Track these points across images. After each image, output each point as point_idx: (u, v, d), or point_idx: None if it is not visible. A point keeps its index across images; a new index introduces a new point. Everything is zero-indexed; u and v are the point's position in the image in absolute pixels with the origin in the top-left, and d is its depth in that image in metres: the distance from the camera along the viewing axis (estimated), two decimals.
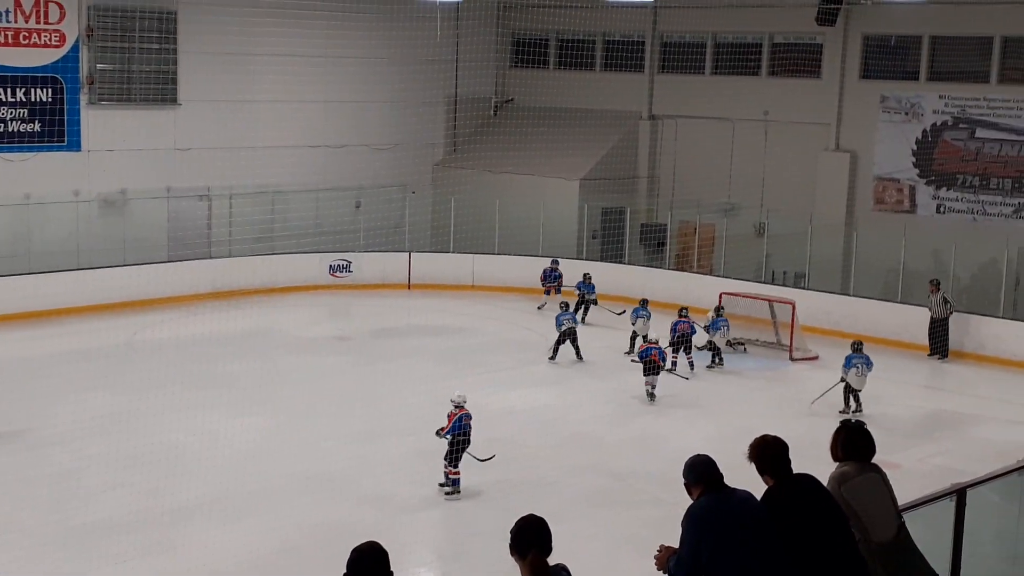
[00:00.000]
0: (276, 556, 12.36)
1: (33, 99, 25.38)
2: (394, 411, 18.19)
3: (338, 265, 28.37)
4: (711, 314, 22.22)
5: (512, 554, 5.17)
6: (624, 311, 23.08)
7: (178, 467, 14.67)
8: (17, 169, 25.18)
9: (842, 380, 18.85)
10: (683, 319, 21.35)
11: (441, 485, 14.59)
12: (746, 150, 28.99)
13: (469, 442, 14.66)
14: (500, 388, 19.70)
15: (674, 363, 20.81)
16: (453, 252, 29.31)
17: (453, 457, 14.52)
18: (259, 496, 14.25)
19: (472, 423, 14.68)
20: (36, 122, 25.52)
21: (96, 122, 26.36)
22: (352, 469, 15.47)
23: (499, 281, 26.38)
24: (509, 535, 5.17)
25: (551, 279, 26.16)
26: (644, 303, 22.58)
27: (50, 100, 25.62)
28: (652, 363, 19.16)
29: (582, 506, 14.16)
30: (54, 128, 25.75)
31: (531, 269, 26.81)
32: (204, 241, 27.68)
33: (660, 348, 19.52)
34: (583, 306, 24.86)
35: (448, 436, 14.54)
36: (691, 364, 21.11)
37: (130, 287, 24.70)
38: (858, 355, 18.97)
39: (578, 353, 21.38)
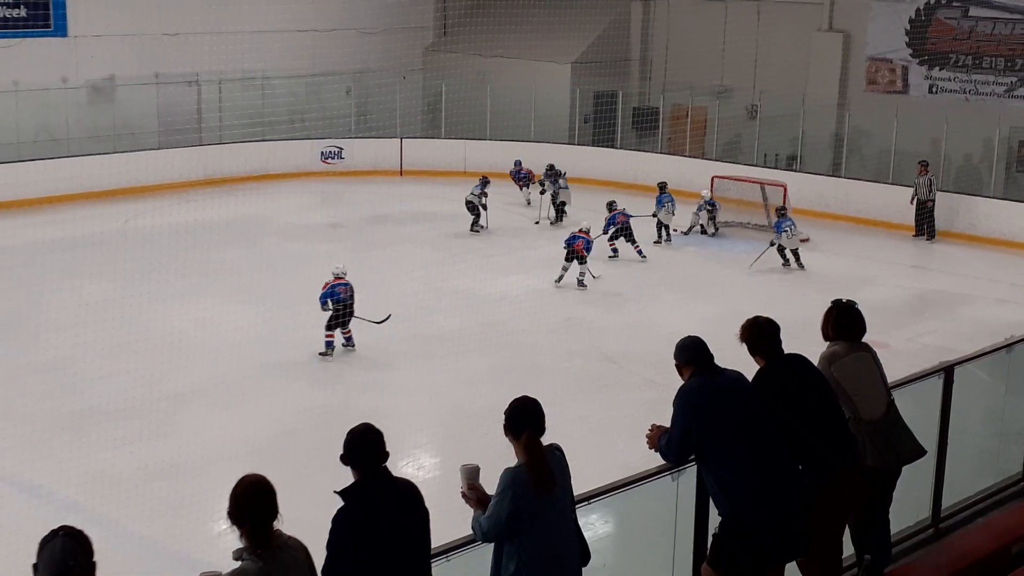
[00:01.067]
0: (274, 439, 12.53)
1: None
2: (387, 297, 18.26)
3: (330, 152, 28.20)
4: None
5: (506, 434, 5.25)
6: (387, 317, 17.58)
7: (174, 354, 14.75)
8: (3, 56, 24.82)
9: (772, 244, 20.54)
10: (618, 211, 21.33)
11: (321, 353, 15.36)
12: (739, 32, 28.62)
13: (351, 310, 15.46)
14: (493, 274, 19.74)
15: (615, 251, 21.03)
16: (445, 138, 29.12)
17: (328, 323, 15.37)
18: (254, 382, 14.40)
19: (353, 293, 15.51)
20: (21, 7, 25.08)
21: (82, 6, 25.93)
22: (345, 355, 15.59)
23: (491, 167, 26.24)
24: (503, 416, 5.25)
25: (520, 178, 25.84)
26: (663, 188, 22.54)
27: None
28: (575, 252, 19.18)
29: (575, 389, 14.34)
30: (39, 12, 25.32)
31: (523, 154, 26.65)
32: (195, 128, 27.45)
33: (588, 239, 19.47)
34: (558, 207, 23.79)
35: (322, 303, 15.36)
36: (640, 252, 21.01)
37: (121, 175, 24.60)
38: (785, 219, 20.68)
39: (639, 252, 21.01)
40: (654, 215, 22.24)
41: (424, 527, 4.97)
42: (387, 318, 15.70)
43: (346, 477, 4.99)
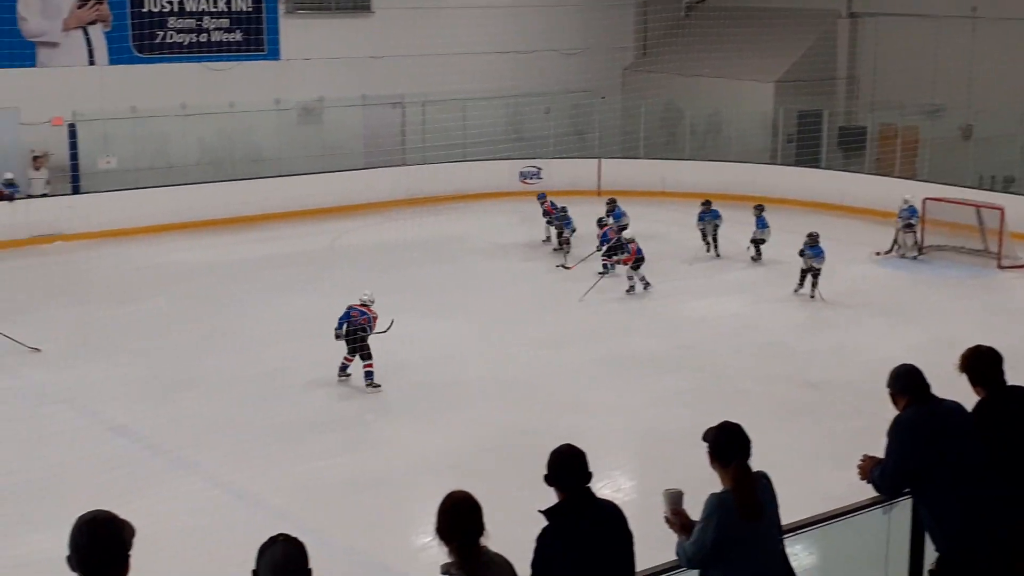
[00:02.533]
0: (474, 455, 12.65)
1: (234, 8, 26.13)
2: (586, 317, 18.28)
3: (528, 171, 28.47)
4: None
5: (712, 461, 5.14)
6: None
7: (378, 368, 15.12)
8: (221, 78, 26.04)
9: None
10: (609, 227, 21.26)
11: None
12: (952, 49, 27.52)
13: (360, 338, 14.75)
14: (689, 295, 19.55)
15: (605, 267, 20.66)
16: (643, 158, 29.01)
17: (349, 347, 14.81)
18: (454, 398, 14.58)
19: (370, 323, 14.82)
20: (237, 31, 26.29)
21: (294, 31, 27.01)
22: (544, 374, 15.65)
23: (690, 187, 25.98)
24: (708, 443, 5.13)
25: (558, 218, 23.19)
26: (761, 209, 22.01)
27: (250, 9, 26.33)
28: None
29: (775, 415, 13.99)
30: (254, 37, 26.48)
31: (723, 175, 26.30)
32: (399, 148, 28.17)
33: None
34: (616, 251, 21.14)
35: (337, 330, 14.77)
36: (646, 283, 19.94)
37: (329, 194, 25.45)
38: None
39: (815, 289, 19.34)
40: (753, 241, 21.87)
41: (628, 550, 4.91)
42: (390, 325, 15.27)
43: (546, 496, 4.98)
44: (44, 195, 23.58)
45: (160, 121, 25.17)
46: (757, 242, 21.73)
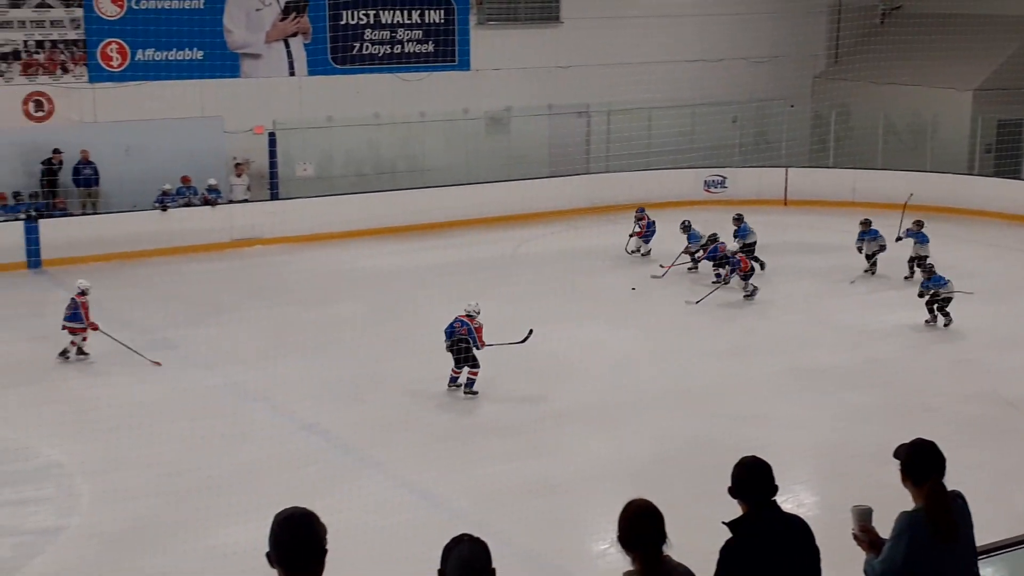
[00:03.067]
0: (650, 464, 12.66)
1: (427, 21, 26.77)
2: (768, 329, 18.04)
3: (713, 180, 28.23)
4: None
5: (904, 479, 5.03)
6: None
7: (558, 374, 15.28)
8: (412, 88, 26.71)
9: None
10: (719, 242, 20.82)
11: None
12: None
13: (461, 349, 14.85)
14: (880, 309, 19.05)
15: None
16: (833, 167, 28.41)
17: (454, 358, 14.92)
18: (633, 407, 14.60)
19: (470, 332, 14.81)
20: (430, 43, 26.93)
21: (484, 42, 27.48)
22: (725, 386, 15.51)
23: (883, 198, 25.30)
24: (901, 460, 5.03)
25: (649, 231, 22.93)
26: (867, 224, 21.24)
27: (442, 21, 26.93)
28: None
29: (968, 433, 13.49)
30: (446, 48, 27.08)
31: (918, 185, 25.50)
32: (583, 157, 28.35)
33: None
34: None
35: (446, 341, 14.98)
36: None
37: (513, 201, 25.78)
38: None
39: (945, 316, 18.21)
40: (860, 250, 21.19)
41: (815, 565, 4.86)
42: (528, 336, 15.31)
43: (727, 508, 4.99)
44: (245, 200, 24.66)
45: (354, 130, 26.00)
46: (916, 259, 20.45)
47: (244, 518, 11.14)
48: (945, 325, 17.93)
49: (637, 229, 22.67)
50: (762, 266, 20.95)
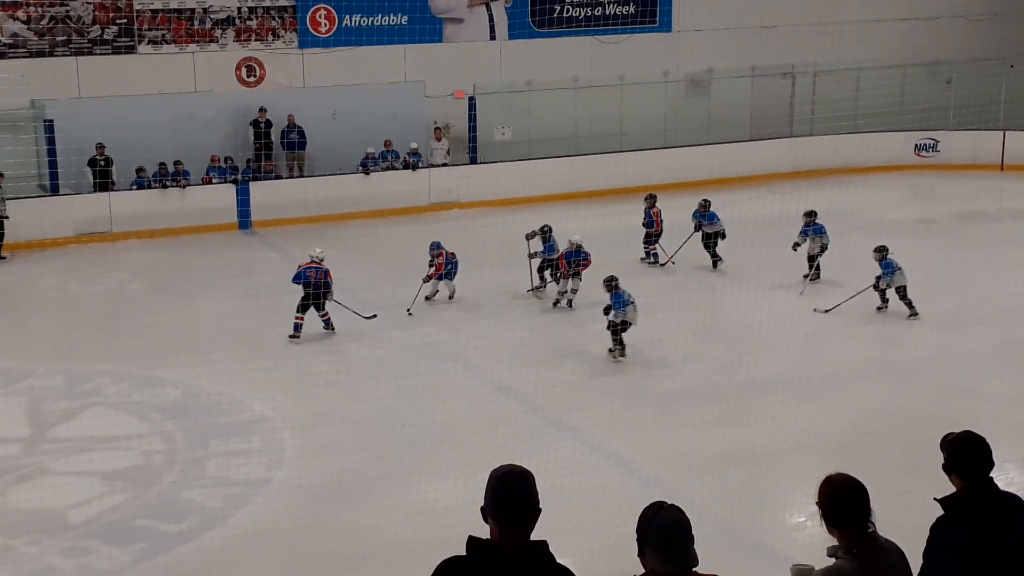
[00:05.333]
0: (851, 437, 12.28)
1: None
2: (982, 299, 17.21)
3: (924, 144, 27.08)
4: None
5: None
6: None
7: (752, 343, 14.96)
8: (612, 51, 26.50)
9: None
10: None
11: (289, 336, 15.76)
12: None
13: (322, 294, 15.71)
14: None
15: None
16: None
17: (298, 304, 15.80)
18: (831, 378, 14.19)
19: (327, 279, 15.72)
20: (631, 4, 26.63)
21: (686, 2, 27.03)
22: (934, 358, 14.89)
23: None
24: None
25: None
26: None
27: None
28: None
29: None
30: (647, 10, 26.73)
31: None
32: (786, 120, 27.60)
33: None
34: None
35: (293, 282, 15.88)
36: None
37: (713, 166, 25.34)
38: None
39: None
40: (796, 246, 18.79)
41: None
42: (372, 316, 15.79)
43: (936, 484, 4.75)
44: (444, 164, 25.00)
45: (553, 94, 25.99)
46: None
47: (442, 476, 11.36)
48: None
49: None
50: (715, 263, 19.23)
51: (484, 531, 4.16)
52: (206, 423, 13.07)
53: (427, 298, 17.60)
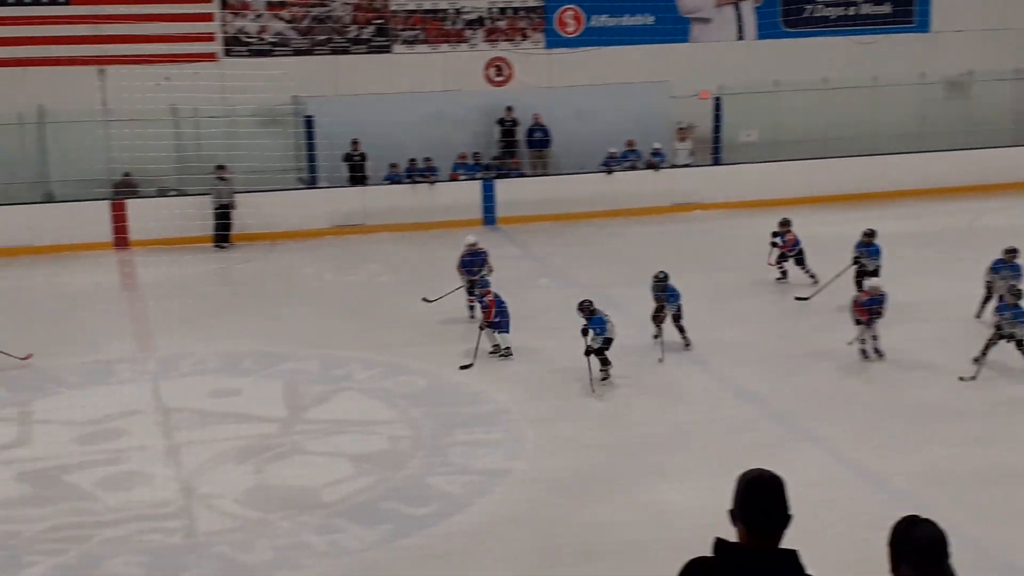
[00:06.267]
0: None
1: None
2: None
3: None
4: None
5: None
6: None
7: (1011, 359, 14.21)
8: (865, 52, 25.70)
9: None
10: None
11: None
12: None
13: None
14: None
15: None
16: None
17: None
18: None
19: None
20: (886, 3, 25.78)
21: (945, 2, 25.98)
22: None
23: None
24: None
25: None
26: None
27: None
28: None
29: None
30: (903, 9, 25.81)
31: None
32: None
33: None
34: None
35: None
36: None
37: (970, 171, 24.24)
38: None
39: None
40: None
41: None
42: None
43: None
44: (687, 165, 24.83)
45: (802, 95, 25.40)
46: None
47: (679, 478, 11.31)
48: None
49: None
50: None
51: (722, 535, 4.09)
52: (449, 412, 13.40)
53: (491, 352, 15.12)
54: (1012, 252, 15.80)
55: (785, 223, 18.32)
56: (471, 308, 16.67)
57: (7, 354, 14.79)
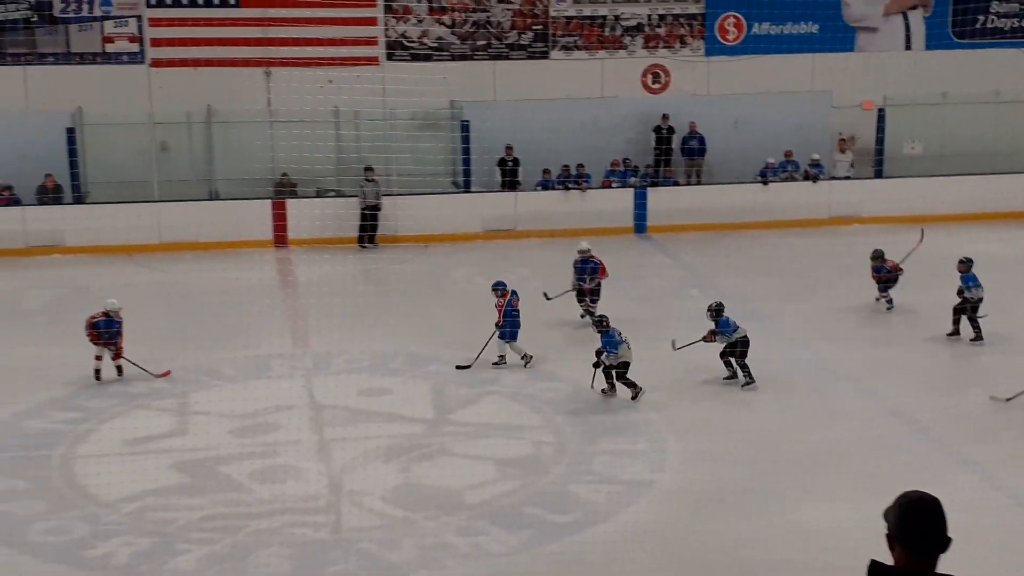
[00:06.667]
0: None
1: None
2: None
3: None
4: None
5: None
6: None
7: None
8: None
9: None
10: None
11: None
12: None
13: None
14: None
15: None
16: None
17: None
18: None
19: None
20: None
21: None
22: None
23: None
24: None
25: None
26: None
27: None
28: None
29: None
30: None
31: None
32: None
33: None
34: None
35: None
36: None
37: None
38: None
39: None
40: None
41: None
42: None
43: None
44: (847, 177, 24.27)
45: (971, 107, 24.58)
46: None
47: (829, 497, 11.09)
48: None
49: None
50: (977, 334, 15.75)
51: (868, 557, 4.04)
52: (593, 420, 13.40)
53: (494, 363, 15.18)
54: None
55: (878, 256, 17.46)
56: (583, 315, 16.81)
57: (145, 370, 14.78)
